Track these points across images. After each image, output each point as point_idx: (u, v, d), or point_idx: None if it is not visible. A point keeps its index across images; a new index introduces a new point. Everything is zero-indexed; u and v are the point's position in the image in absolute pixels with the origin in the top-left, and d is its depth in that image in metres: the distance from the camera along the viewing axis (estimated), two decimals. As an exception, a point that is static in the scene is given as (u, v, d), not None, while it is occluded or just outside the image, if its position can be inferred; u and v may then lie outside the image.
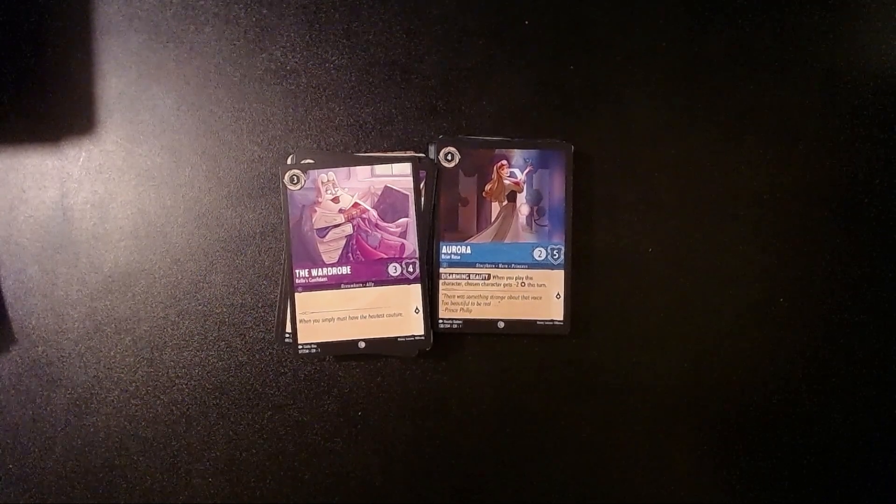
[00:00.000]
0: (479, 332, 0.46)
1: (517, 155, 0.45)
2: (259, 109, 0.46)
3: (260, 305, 0.46)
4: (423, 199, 0.45)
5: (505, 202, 0.46)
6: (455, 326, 0.45)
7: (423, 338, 0.45)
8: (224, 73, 0.46)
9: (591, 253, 0.46)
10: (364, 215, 0.45)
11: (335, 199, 0.45)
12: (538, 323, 0.45)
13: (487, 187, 0.45)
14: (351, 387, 0.46)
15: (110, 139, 0.46)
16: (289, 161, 0.45)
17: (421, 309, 0.45)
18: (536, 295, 0.45)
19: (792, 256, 0.47)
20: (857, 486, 0.47)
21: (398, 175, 0.45)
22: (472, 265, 0.45)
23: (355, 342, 0.45)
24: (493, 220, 0.45)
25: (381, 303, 0.45)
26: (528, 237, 0.45)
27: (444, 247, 0.45)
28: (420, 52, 0.46)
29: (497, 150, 0.45)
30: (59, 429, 0.46)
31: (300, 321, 0.44)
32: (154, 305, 0.46)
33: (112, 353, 0.46)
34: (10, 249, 0.45)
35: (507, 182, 0.45)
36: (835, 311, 0.47)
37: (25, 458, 0.46)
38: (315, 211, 0.45)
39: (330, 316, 0.45)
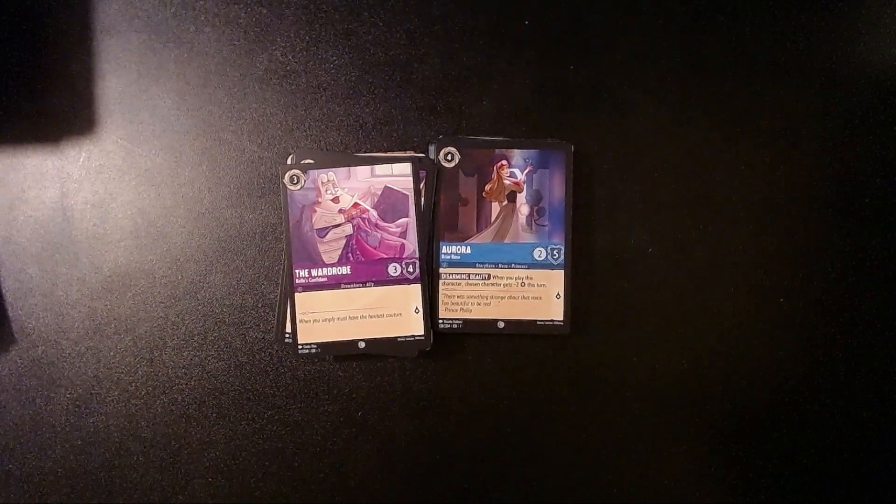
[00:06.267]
0: (479, 332, 0.46)
1: (517, 155, 0.45)
2: (259, 109, 0.46)
3: (260, 305, 0.46)
4: (423, 199, 0.45)
5: (505, 202, 0.46)
6: (455, 326, 0.45)
7: (423, 338, 0.45)
8: (224, 73, 0.46)
9: (591, 253, 0.46)
10: (364, 215, 0.45)
11: (335, 199, 0.45)
12: (538, 323, 0.45)
13: (487, 187, 0.45)
14: (351, 387, 0.46)
15: (110, 139, 0.46)
16: (289, 161, 0.45)
17: (421, 309, 0.45)
18: (536, 295, 0.45)
19: (792, 257, 0.47)
20: (857, 486, 0.47)
21: (398, 175, 0.45)
22: (472, 265, 0.45)
23: (355, 342, 0.45)
24: (493, 220, 0.45)
25: (381, 303, 0.45)
26: (528, 237, 0.45)
27: (444, 247, 0.45)
28: (420, 52, 0.46)
29: (497, 150, 0.45)
30: (59, 429, 0.46)
31: (300, 321, 0.44)
32: (154, 305, 0.46)
33: (112, 353, 0.46)
34: (10, 249, 0.45)
35: (507, 182, 0.45)
36: (835, 311, 0.47)
37: (25, 458, 0.46)
38: (315, 211, 0.45)
39: (330, 316, 0.44)
